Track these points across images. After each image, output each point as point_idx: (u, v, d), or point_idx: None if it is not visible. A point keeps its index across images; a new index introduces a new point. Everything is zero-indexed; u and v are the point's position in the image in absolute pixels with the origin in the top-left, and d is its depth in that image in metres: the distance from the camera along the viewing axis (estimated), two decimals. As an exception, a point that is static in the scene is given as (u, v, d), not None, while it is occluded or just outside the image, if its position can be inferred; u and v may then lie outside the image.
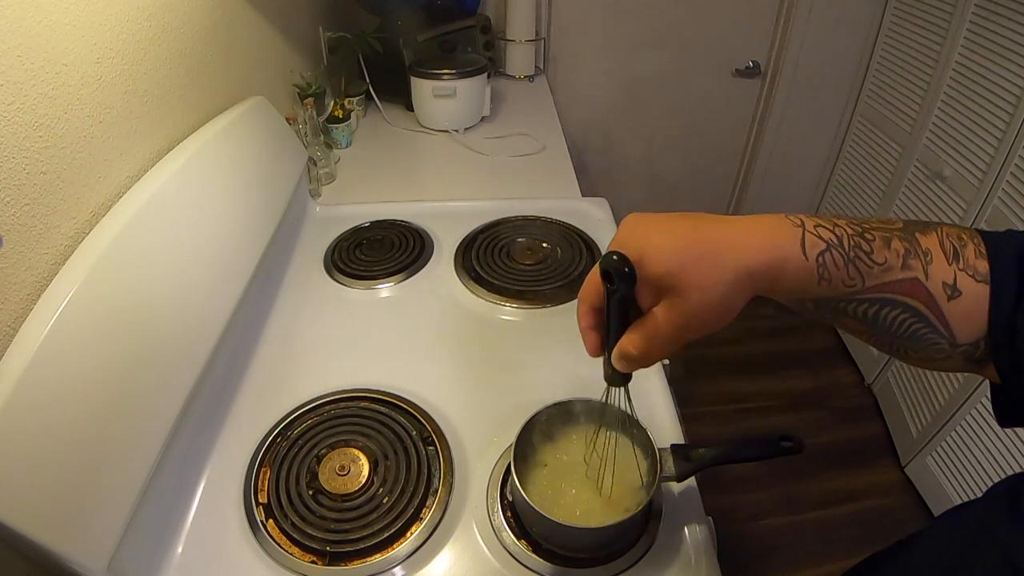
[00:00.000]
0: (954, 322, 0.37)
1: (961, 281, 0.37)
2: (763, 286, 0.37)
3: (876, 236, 0.38)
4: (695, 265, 0.36)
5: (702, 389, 1.97)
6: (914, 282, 0.37)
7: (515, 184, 1.28)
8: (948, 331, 0.37)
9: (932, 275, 0.37)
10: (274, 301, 0.91)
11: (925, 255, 0.37)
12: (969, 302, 0.37)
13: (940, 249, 0.38)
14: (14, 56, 0.52)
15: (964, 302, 0.37)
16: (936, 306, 0.37)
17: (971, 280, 0.37)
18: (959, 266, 0.37)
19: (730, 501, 1.66)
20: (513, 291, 0.92)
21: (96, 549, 0.50)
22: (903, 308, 0.37)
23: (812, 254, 0.36)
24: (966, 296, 0.37)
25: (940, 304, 0.37)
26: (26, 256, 0.54)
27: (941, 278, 0.37)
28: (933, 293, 0.37)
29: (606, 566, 0.58)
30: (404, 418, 0.71)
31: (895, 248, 0.37)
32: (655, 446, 0.59)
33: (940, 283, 0.37)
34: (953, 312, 0.37)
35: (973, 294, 0.37)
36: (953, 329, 0.37)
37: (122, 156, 0.69)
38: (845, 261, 0.37)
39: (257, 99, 0.97)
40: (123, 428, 0.55)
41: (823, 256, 0.37)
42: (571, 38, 1.97)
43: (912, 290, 0.37)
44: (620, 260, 0.37)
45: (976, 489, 1.44)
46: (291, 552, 0.59)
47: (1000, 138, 1.43)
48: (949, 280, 0.37)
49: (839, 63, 2.00)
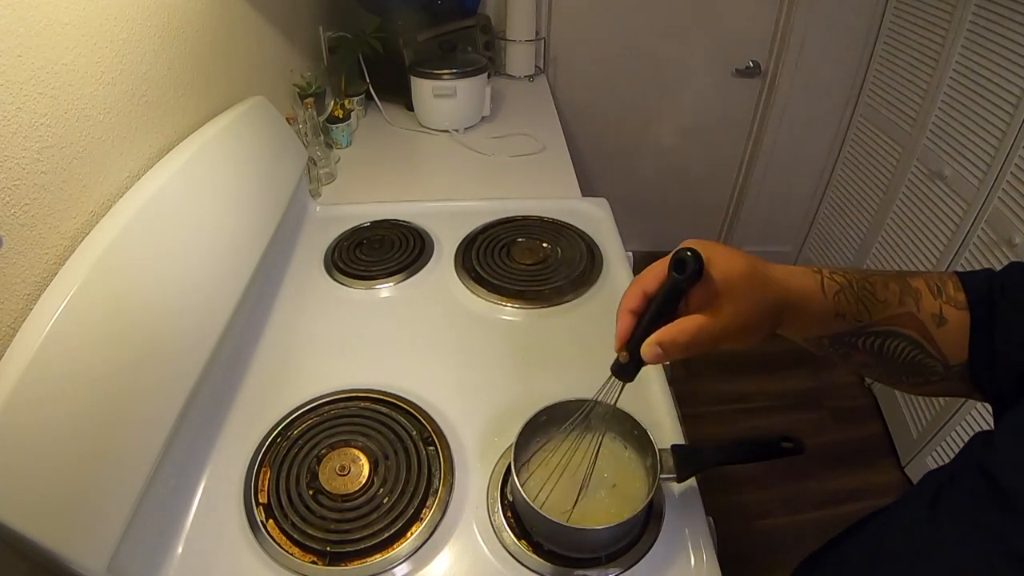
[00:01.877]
0: (944, 346, 0.45)
1: (946, 311, 0.45)
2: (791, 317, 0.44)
3: (876, 280, 0.46)
4: (751, 282, 0.42)
5: (702, 389, 1.97)
6: (910, 315, 0.45)
7: (515, 184, 1.28)
8: (940, 355, 0.45)
9: (923, 308, 0.45)
10: (274, 301, 0.91)
11: (916, 293, 0.46)
12: (954, 327, 0.45)
13: (927, 287, 0.46)
14: (14, 56, 0.52)
15: (950, 328, 0.45)
16: (929, 334, 0.45)
17: (953, 309, 0.45)
18: (943, 300, 0.45)
19: (730, 501, 1.66)
20: (513, 291, 0.92)
21: (96, 549, 0.50)
22: (903, 338, 0.45)
23: (830, 294, 0.45)
24: (951, 323, 0.45)
25: (931, 332, 0.45)
26: (26, 256, 0.54)
27: (930, 310, 0.45)
28: (925, 323, 0.45)
29: (606, 566, 0.58)
30: (404, 418, 0.71)
31: (892, 288, 0.46)
32: (655, 447, 0.59)
33: (930, 314, 0.45)
34: (943, 338, 0.45)
35: (955, 320, 0.45)
36: (944, 352, 0.45)
37: (122, 156, 0.69)
38: (856, 300, 0.45)
39: (257, 99, 0.97)
40: (123, 428, 0.55)
41: (838, 296, 0.45)
42: (571, 38, 1.97)
43: (909, 322, 0.45)
44: (695, 255, 0.41)
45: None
46: (291, 552, 0.59)
47: (1000, 138, 1.43)
48: (936, 311, 0.45)
49: (839, 63, 2.00)
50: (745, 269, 0.42)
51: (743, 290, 0.42)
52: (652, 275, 0.45)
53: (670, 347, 0.42)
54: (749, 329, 0.43)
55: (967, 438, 0.46)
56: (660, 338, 0.43)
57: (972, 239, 1.51)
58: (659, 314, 0.44)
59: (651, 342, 0.43)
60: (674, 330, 0.43)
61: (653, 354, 0.43)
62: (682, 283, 0.42)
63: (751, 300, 0.42)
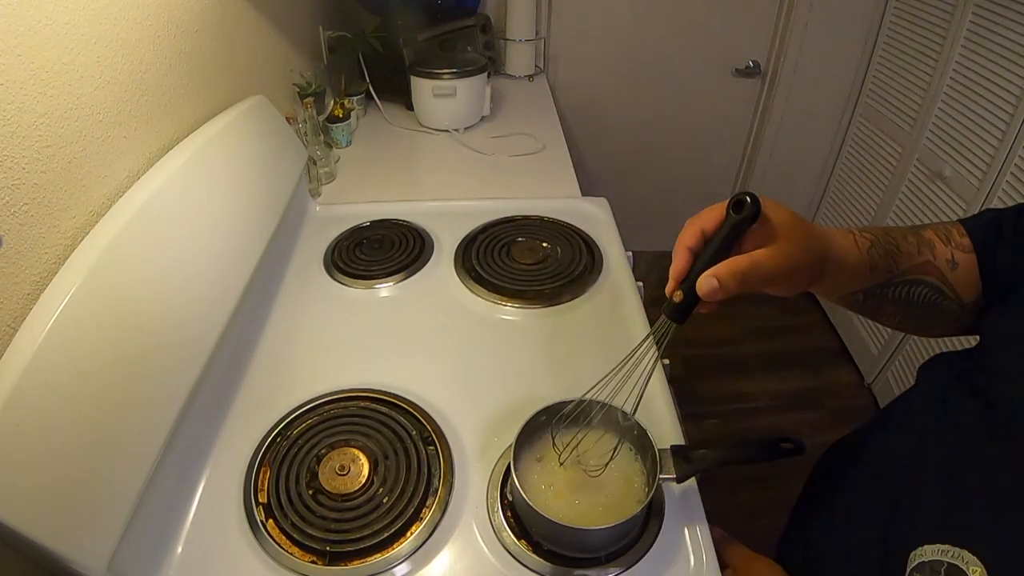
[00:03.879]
0: (959, 286, 0.51)
1: (956, 256, 0.51)
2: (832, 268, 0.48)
3: (896, 234, 0.52)
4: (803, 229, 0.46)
5: (702, 389, 1.97)
6: (928, 264, 0.51)
7: (515, 184, 1.27)
8: (956, 295, 0.51)
9: (937, 256, 0.51)
10: (274, 301, 0.91)
11: (929, 243, 0.52)
12: (964, 269, 0.51)
13: (937, 238, 0.52)
14: (14, 56, 0.52)
15: (961, 271, 0.51)
16: (945, 278, 0.51)
17: (961, 253, 0.51)
18: (952, 246, 0.52)
19: (730, 501, 1.66)
20: (513, 291, 0.92)
21: (96, 549, 0.50)
22: (925, 285, 0.51)
23: (864, 248, 0.50)
24: (962, 266, 0.51)
25: (947, 276, 0.51)
26: (26, 255, 0.54)
27: (944, 257, 0.51)
28: (941, 269, 0.51)
29: (606, 566, 0.58)
30: (404, 418, 0.71)
31: (911, 241, 0.52)
32: (655, 447, 0.59)
33: (944, 260, 0.51)
34: (957, 279, 0.51)
35: (965, 263, 0.51)
36: (959, 292, 0.51)
37: (122, 155, 0.69)
38: (884, 253, 0.51)
39: (257, 98, 0.97)
40: (123, 428, 0.55)
41: (871, 250, 0.50)
42: (571, 38, 1.97)
43: (929, 269, 0.51)
44: (752, 197, 0.44)
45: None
46: (291, 552, 0.59)
47: (1000, 138, 1.43)
48: (948, 257, 0.51)
49: (839, 63, 2.00)
50: (796, 218, 0.46)
51: (796, 235, 0.45)
52: (710, 215, 0.46)
53: (727, 278, 0.44)
54: (797, 272, 0.45)
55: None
56: (717, 271, 0.44)
57: (972, 239, 1.51)
58: (716, 251, 0.45)
59: (708, 274, 0.44)
60: (731, 262, 0.44)
61: (710, 287, 0.44)
62: (742, 223, 0.44)
63: (802, 244, 0.45)
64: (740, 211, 0.44)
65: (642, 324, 0.86)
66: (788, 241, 0.45)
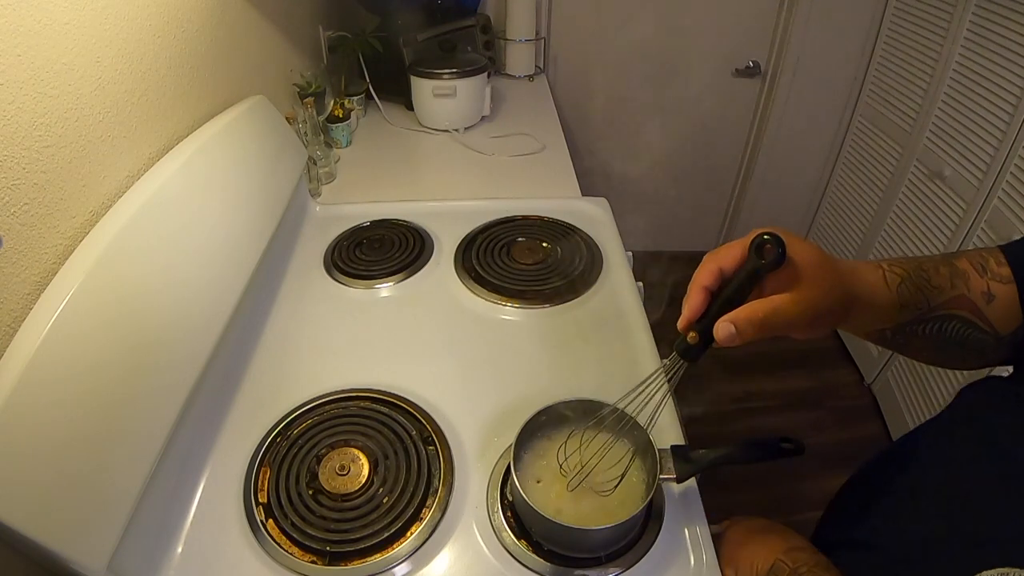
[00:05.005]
0: (995, 319, 0.48)
1: (993, 288, 0.48)
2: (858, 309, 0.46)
3: (929, 267, 0.49)
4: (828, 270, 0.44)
5: (702, 389, 1.97)
6: (962, 297, 0.48)
7: (515, 184, 1.27)
8: (992, 328, 0.48)
9: (972, 288, 0.48)
10: (274, 301, 0.91)
11: (963, 275, 0.49)
12: (1001, 302, 0.48)
13: (972, 268, 0.49)
14: (14, 56, 0.52)
15: (998, 303, 0.48)
16: (980, 312, 0.48)
17: (999, 284, 0.48)
18: (988, 277, 0.48)
19: (730, 501, 1.66)
20: (513, 291, 0.92)
21: (96, 549, 0.50)
22: (958, 320, 0.48)
23: (893, 287, 0.47)
24: (999, 298, 0.48)
25: (982, 309, 0.48)
26: (26, 256, 0.54)
27: (979, 289, 0.48)
28: (976, 302, 0.48)
29: (606, 566, 0.58)
30: (404, 418, 0.71)
31: (943, 273, 0.49)
32: (655, 447, 0.59)
33: (979, 293, 0.48)
34: (993, 312, 0.48)
35: (1003, 294, 0.48)
36: (995, 325, 0.48)
37: (122, 155, 0.69)
38: (915, 289, 0.48)
39: (257, 98, 0.97)
40: (123, 428, 0.55)
41: (901, 287, 0.48)
42: (571, 38, 1.97)
43: (962, 303, 0.48)
44: (776, 240, 0.42)
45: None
46: (291, 552, 0.59)
47: (1000, 138, 1.43)
48: (984, 289, 0.48)
49: (839, 63, 2.00)
50: (821, 258, 0.43)
51: (820, 277, 0.43)
52: (730, 254, 0.45)
53: (745, 326, 0.42)
54: (820, 317, 0.43)
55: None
56: (736, 316, 0.43)
57: (972, 239, 1.51)
58: (734, 294, 0.43)
59: (726, 319, 0.43)
60: (750, 309, 0.42)
61: (727, 333, 0.43)
62: (765, 267, 0.42)
63: (826, 288, 0.43)
64: (763, 255, 0.42)
65: (642, 324, 0.86)
66: (812, 285, 0.42)
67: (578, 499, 0.59)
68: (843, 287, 0.44)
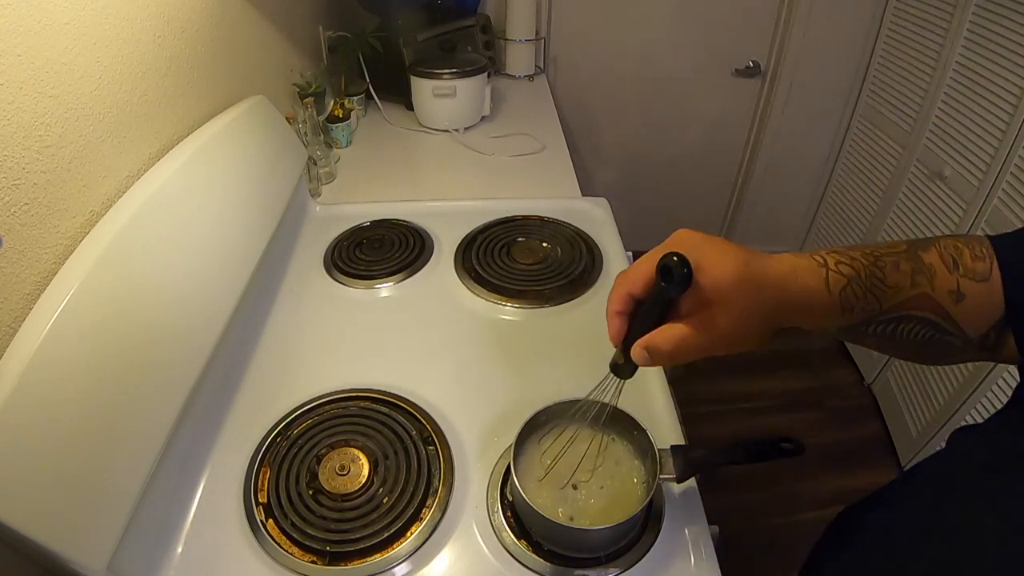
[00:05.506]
0: (963, 321, 0.42)
1: (964, 285, 0.41)
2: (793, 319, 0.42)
3: (887, 262, 0.42)
4: (744, 287, 0.39)
5: (702, 389, 1.97)
6: (923, 296, 0.41)
7: (515, 184, 1.27)
8: (959, 330, 0.42)
9: (937, 287, 0.41)
10: (274, 301, 0.91)
11: (929, 270, 0.42)
12: (973, 301, 0.41)
13: (941, 262, 0.42)
14: (14, 56, 0.52)
15: (969, 302, 0.41)
16: (945, 312, 0.42)
17: (971, 282, 0.42)
18: (959, 273, 0.42)
19: (730, 501, 1.66)
20: (513, 291, 0.92)
21: (96, 549, 0.50)
22: (916, 320, 0.42)
23: (835, 290, 0.41)
24: (970, 297, 0.41)
25: (948, 310, 0.41)
26: (26, 255, 0.54)
27: (946, 287, 0.42)
28: (941, 302, 0.41)
29: (606, 566, 0.58)
30: (404, 418, 0.71)
31: (903, 270, 0.42)
32: (655, 447, 0.59)
33: (945, 292, 0.41)
34: (961, 313, 0.41)
35: (975, 293, 0.41)
36: (963, 327, 0.42)
37: (122, 155, 0.69)
38: (864, 291, 0.41)
39: (257, 98, 0.97)
40: (123, 428, 0.55)
41: (844, 291, 0.41)
42: (571, 38, 1.97)
43: (922, 303, 0.42)
44: (682, 262, 0.39)
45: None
46: (291, 552, 0.59)
47: (1000, 138, 1.43)
48: (953, 287, 0.41)
49: (839, 63, 2.00)
50: (737, 275, 0.39)
51: (734, 298, 0.39)
52: (638, 275, 0.42)
53: (655, 354, 0.41)
54: (739, 338, 0.40)
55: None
56: (647, 343, 0.42)
57: (972, 239, 1.51)
58: (645, 319, 0.42)
59: (640, 345, 0.42)
60: (659, 337, 0.41)
61: (641, 358, 0.42)
62: (668, 292, 0.40)
63: (743, 309, 0.39)
64: (669, 279, 0.39)
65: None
66: (727, 309, 0.39)
67: (578, 499, 0.59)
68: (768, 303, 0.40)
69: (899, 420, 1.77)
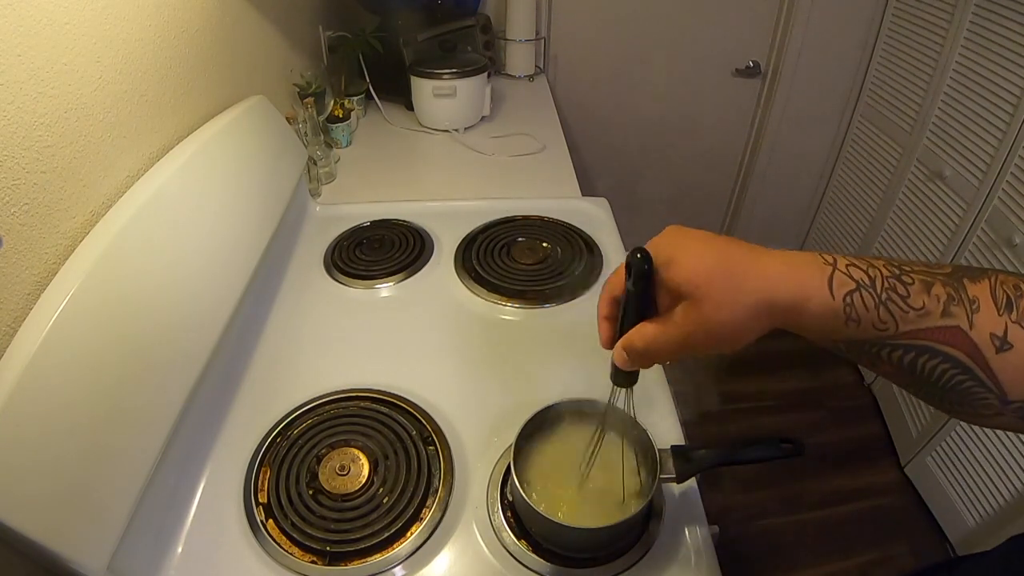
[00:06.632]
0: (1004, 377, 0.34)
1: (1014, 334, 0.34)
2: (784, 320, 0.37)
3: (915, 279, 0.36)
4: (720, 281, 0.37)
5: (702, 389, 1.97)
6: (955, 331, 0.35)
7: (515, 184, 1.27)
8: (997, 386, 0.35)
9: (978, 325, 0.35)
10: (274, 301, 0.91)
11: (971, 303, 0.35)
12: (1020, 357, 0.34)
13: (991, 297, 0.35)
14: (14, 56, 0.52)
15: (1015, 357, 0.34)
16: (982, 358, 0.34)
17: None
18: (1011, 317, 0.34)
19: (730, 501, 1.66)
20: (513, 291, 0.92)
21: (96, 549, 0.50)
22: (943, 358, 0.35)
23: (839, 293, 0.36)
24: (1019, 350, 0.34)
25: (987, 356, 0.34)
26: (26, 255, 0.54)
27: (989, 329, 0.34)
28: (978, 344, 0.34)
29: (606, 566, 0.58)
30: (404, 418, 0.71)
31: (935, 293, 0.35)
32: (655, 447, 0.59)
33: (988, 334, 0.34)
34: (1003, 366, 0.34)
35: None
36: (1003, 384, 0.34)
37: (122, 155, 0.69)
38: (876, 303, 0.36)
39: (257, 98, 0.97)
40: (123, 428, 0.55)
41: (851, 296, 0.36)
42: (571, 38, 1.97)
43: (953, 339, 0.35)
44: (642, 258, 0.38)
45: (976, 489, 1.44)
46: (291, 552, 0.59)
47: (1000, 138, 1.43)
48: (999, 331, 0.34)
49: (839, 63, 2.00)
50: (714, 269, 0.37)
51: (713, 291, 0.37)
52: (619, 277, 0.42)
53: (631, 352, 0.41)
54: (724, 336, 0.37)
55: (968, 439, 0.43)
56: (624, 342, 0.41)
57: (972, 239, 1.51)
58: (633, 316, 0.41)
59: (618, 345, 0.42)
60: (635, 335, 0.40)
61: (620, 359, 0.42)
62: (630, 288, 0.39)
63: (718, 302, 0.37)
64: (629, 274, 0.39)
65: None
66: (701, 305, 0.37)
67: (578, 499, 0.59)
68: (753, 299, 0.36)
69: (899, 420, 1.77)
